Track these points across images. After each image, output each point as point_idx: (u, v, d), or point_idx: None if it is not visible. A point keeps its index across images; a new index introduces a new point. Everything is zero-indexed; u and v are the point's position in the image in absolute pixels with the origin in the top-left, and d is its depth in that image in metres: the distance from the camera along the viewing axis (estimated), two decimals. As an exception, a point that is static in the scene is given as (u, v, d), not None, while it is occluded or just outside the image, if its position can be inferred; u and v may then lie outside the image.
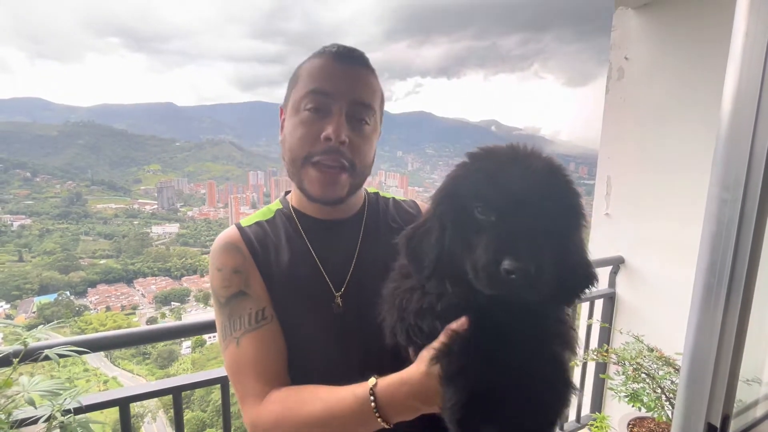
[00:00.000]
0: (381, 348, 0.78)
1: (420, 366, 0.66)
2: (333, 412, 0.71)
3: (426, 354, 0.66)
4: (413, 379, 0.67)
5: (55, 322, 1.06)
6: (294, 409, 0.75)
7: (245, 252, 0.86)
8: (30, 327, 1.01)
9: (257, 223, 0.92)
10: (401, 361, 0.74)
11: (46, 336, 0.99)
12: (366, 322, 0.81)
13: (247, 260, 0.86)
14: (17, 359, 0.91)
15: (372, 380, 0.71)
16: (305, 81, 0.84)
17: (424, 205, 1.01)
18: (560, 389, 0.64)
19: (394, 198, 1.06)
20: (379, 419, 0.69)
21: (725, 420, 0.68)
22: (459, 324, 0.64)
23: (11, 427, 0.85)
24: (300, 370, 0.85)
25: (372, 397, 0.69)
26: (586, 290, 0.68)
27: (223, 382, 1.37)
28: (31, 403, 0.83)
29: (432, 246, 0.68)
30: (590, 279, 0.68)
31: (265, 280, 0.86)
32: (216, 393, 1.43)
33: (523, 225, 0.60)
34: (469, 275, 0.62)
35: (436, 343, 0.65)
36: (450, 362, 0.63)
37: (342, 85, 0.83)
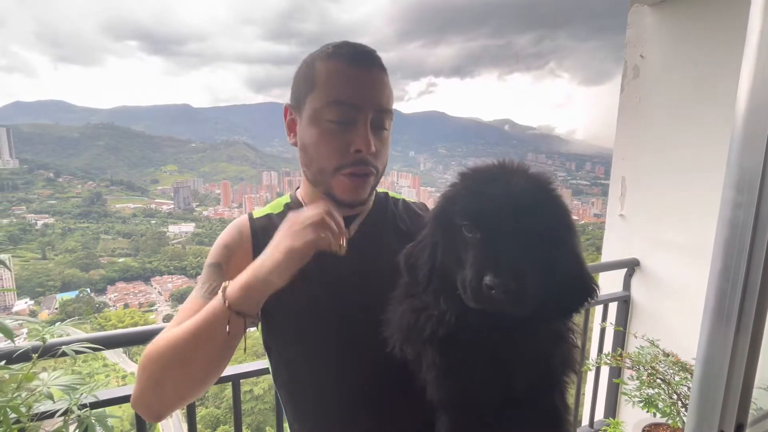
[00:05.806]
0: (376, 337, 0.79)
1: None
2: (189, 326, 0.74)
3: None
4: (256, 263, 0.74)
5: (70, 320, 1.10)
6: (165, 332, 0.78)
7: (245, 237, 0.89)
8: (52, 323, 1.05)
9: (267, 216, 0.93)
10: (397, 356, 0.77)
11: (64, 332, 1.03)
12: (367, 315, 0.81)
13: (242, 244, 0.88)
14: (36, 355, 0.95)
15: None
16: (325, 88, 0.81)
17: None
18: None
19: (404, 199, 1.04)
20: (226, 304, 0.71)
21: (739, 428, 0.66)
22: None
23: (30, 420, 0.88)
24: (301, 355, 0.87)
25: (223, 292, 0.73)
26: (585, 304, 0.69)
27: (234, 380, 1.39)
28: (50, 397, 0.87)
29: (425, 261, 0.71)
30: (588, 292, 0.68)
31: None
32: (229, 390, 1.45)
33: (505, 241, 0.62)
34: (459, 291, 0.64)
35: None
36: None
37: (366, 94, 0.81)
